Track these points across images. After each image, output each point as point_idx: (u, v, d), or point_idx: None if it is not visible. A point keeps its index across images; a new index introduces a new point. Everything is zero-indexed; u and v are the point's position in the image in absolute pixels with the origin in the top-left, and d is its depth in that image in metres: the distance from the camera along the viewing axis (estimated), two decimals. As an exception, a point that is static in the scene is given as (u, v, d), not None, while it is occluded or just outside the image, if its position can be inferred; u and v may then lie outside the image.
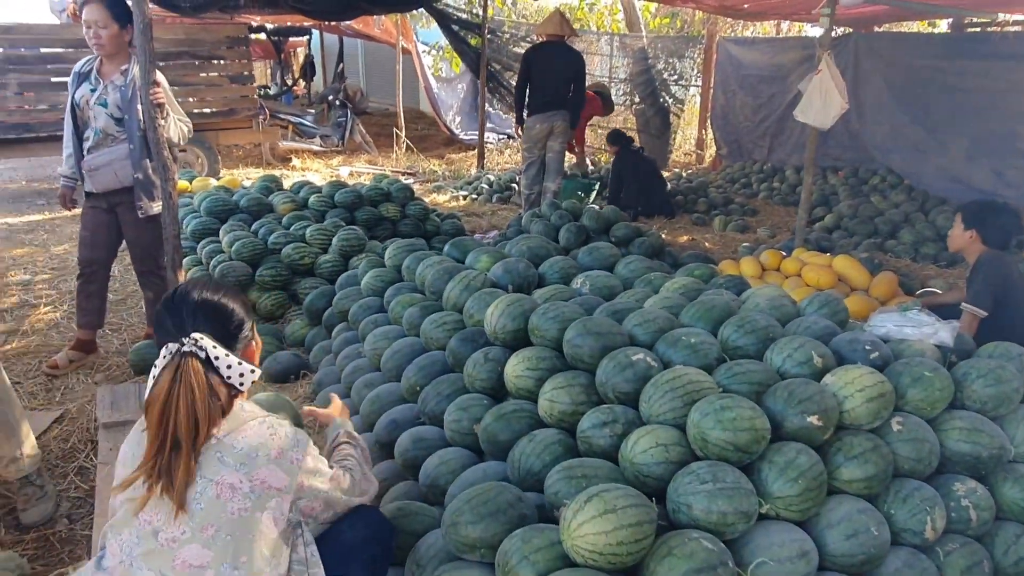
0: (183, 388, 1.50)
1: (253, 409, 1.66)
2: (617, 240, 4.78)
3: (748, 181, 9.13)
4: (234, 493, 1.52)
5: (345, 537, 1.79)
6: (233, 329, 1.66)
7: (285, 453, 1.59)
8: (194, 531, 1.50)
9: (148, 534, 1.51)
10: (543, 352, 2.48)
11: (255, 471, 1.54)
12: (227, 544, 1.51)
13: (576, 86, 6.58)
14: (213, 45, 8.51)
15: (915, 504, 2.02)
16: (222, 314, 1.65)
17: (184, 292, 1.66)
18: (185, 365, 1.53)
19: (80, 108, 3.59)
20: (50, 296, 4.86)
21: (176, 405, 1.50)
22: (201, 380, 1.53)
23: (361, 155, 11.22)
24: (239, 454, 1.55)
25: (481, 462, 2.35)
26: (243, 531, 1.52)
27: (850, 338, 2.46)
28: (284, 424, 1.65)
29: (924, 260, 5.94)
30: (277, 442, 1.59)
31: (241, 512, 1.52)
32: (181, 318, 1.60)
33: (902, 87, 7.60)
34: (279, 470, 1.57)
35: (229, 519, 1.51)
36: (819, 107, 4.68)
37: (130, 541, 1.53)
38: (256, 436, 1.58)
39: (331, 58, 16.10)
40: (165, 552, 1.50)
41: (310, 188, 5.55)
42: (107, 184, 3.65)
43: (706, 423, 1.95)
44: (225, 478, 1.52)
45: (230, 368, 1.58)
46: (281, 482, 1.58)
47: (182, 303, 1.63)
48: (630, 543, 1.67)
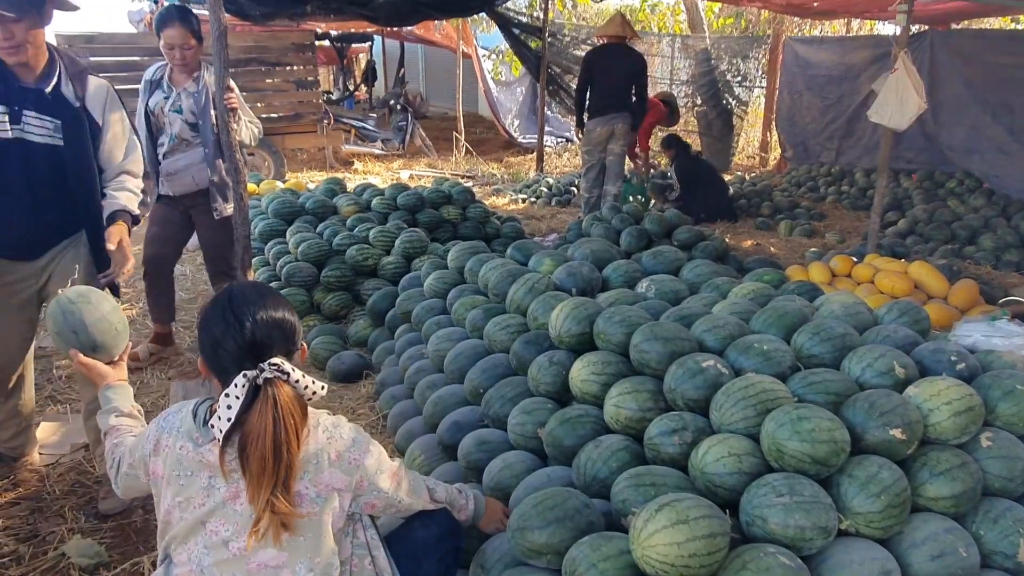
0: (286, 416, 1.45)
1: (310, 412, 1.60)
2: (679, 244, 4.69)
3: (815, 184, 8.87)
4: (302, 500, 1.53)
5: (417, 535, 1.81)
6: (294, 341, 1.61)
7: (343, 455, 1.59)
8: (268, 539, 1.50)
9: (218, 544, 1.52)
10: (609, 357, 2.45)
11: (318, 476, 1.55)
12: (300, 545, 1.53)
13: (638, 88, 6.51)
14: (280, 52, 8.74)
15: (1007, 525, 1.91)
16: (286, 330, 1.58)
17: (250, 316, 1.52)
18: (278, 393, 1.46)
19: (155, 115, 3.71)
20: (127, 294, 5.05)
21: (285, 434, 1.45)
22: (294, 403, 1.48)
23: (421, 158, 11.35)
24: (302, 463, 1.52)
25: (545, 467, 2.33)
26: (315, 532, 1.55)
27: (934, 348, 2.35)
28: (341, 424, 1.63)
29: (1006, 267, 5.65)
30: (335, 445, 1.58)
31: (311, 515, 1.54)
32: (256, 343, 1.51)
33: (983, 86, 7.26)
34: (339, 472, 1.58)
35: (300, 523, 1.52)
36: (895, 107, 4.51)
37: (199, 552, 1.53)
38: (315, 443, 1.56)
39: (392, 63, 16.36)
40: (239, 560, 1.52)
41: (373, 190, 5.62)
42: (185, 187, 3.78)
43: (782, 433, 1.89)
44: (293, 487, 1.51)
45: (306, 388, 1.52)
46: (342, 482, 1.58)
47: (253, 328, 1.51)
48: (703, 555, 1.62)
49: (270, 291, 1.65)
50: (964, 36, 7.77)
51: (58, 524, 2.64)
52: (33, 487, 2.85)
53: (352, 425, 1.67)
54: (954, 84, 7.52)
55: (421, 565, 1.77)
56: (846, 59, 8.92)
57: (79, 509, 2.74)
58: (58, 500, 2.79)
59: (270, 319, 1.54)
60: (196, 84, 3.69)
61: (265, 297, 1.59)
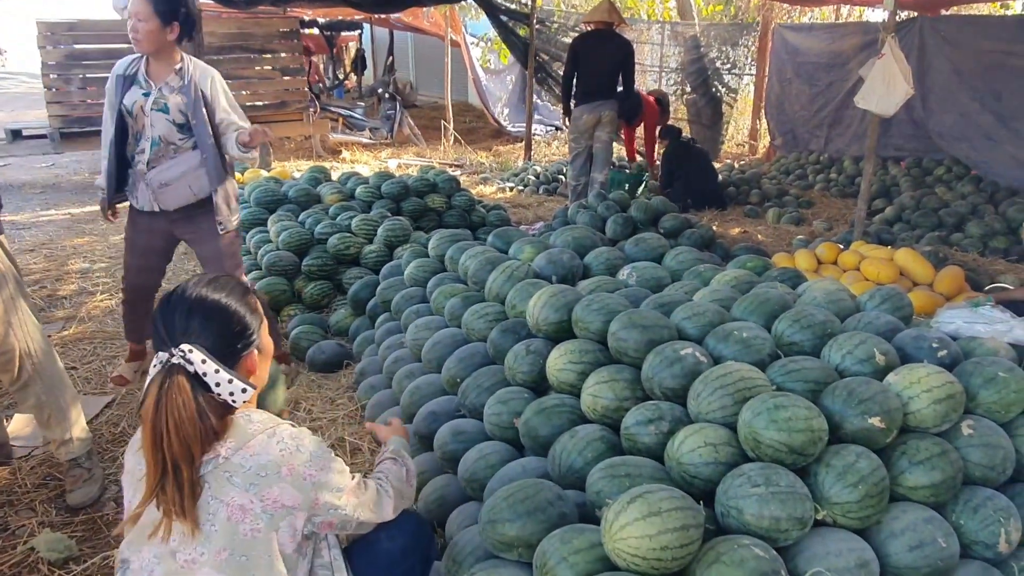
0: (169, 408, 1.37)
1: (262, 419, 1.52)
2: (666, 232, 4.65)
3: (803, 172, 8.84)
4: (245, 514, 1.42)
5: (382, 547, 1.71)
6: (233, 337, 1.50)
7: (297, 470, 1.46)
8: (210, 554, 1.41)
9: (166, 554, 1.43)
10: (587, 345, 2.40)
11: (266, 491, 1.43)
12: (241, 565, 1.42)
13: (625, 75, 6.45)
14: (265, 39, 8.63)
15: (987, 514, 1.88)
16: (221, 319, 1.48)
17: (181, 292, 1.49)
18: (171, 382, 1.38)
19: (133, 115, 3.12)
20: (107, 284, 4.98)
21: (166, 427, 1.37)
22: (188, 398, 1.38)
23: (410, 147, 11.26)
24: (248, 474, 1.43)
25: (521, 457, 2.29)
26: (258, 551, 1.43)
27: (915, 335, 2.31)
28: (302, 438, 1.52)
29: (993, 254, 5.63)
30: (288, 458, 1.46)
31: (254, 533, 1.42)
32: (174, 322, 1.44)
33: (972, 73, 7.22)
34: (291, 488, 1.45)
35: (242, 540, 1.42)
36: (882, 93, 4.46)
37: (150, 560, 1.44)
38: (265, 453, 1.45)
39: (381, 52, 16.24)
40: (184, 573, 1.42)
41: (357, 179, 5.56)
42: (180, 199, 3.20)
43: (758, 422, 1.85)
44: (235, 499, 1.42)
45: (219, 386, 1.43)
46: (294, 500, 1.46)
47: (176, 304, 1.46)
48: (675, 548, 1.58)
49: (232, 283, 1.56)
50: (953, 22, 7.73)
51: (28, 518, 2.60)
52: (3, 480, 2.80)
53: (315, 439, 1.56)
54: (943, 71, 7.49)
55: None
56: (835, 46, 8.87)
57: (50, 502, 2.69)
58: (29, 493, 2.74)
59: (203, 299, 1.47)
60: (181, 78, 3.12)
61: (218, 285, 1.52)
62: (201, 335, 1.45)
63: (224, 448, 1.44)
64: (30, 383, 2.57)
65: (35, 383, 2.57)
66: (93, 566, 2.36)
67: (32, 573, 2.32)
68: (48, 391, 2.60)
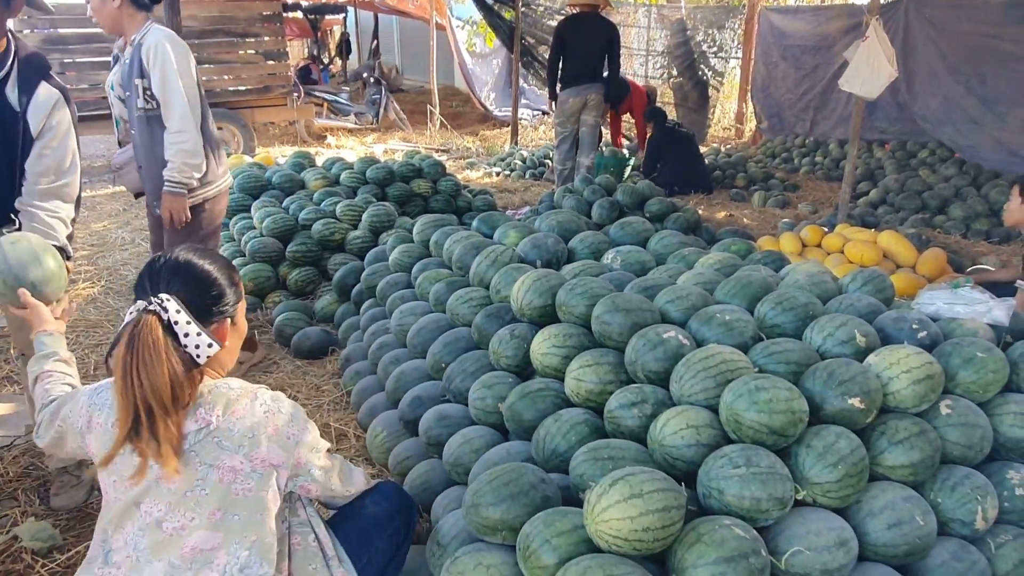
0: (139, 346, 1.42)
1: (241, 385, 1.59)
2: (652, 216, 4.64)
3: (789, 156, 8.86)
4: (236, 475, 1.49)
5: (368, 511, 1.78)
6: (210, 299, 1.56)
7: (280, 429, 1.54)
8: (201, 518, 1.48)
9: (151, 525, 1.48)
10: (570, 329, 2.41)
11: (254, 451, 1.51)
12: (236, 524, 1.49)
13: (611, 58, 6.42)
14: (247, 22, 8.51)
15: (965, 492, 1.90)
16: (201, 280, 1.55)
17: (171, 253, 1.58)
18: (143, 323, 1.44)
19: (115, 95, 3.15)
20: (89, 272, 4.94)
21: (135, 367, 1.41)
22: (158, 338, 1.43)
23: (396, 132, 11.18)
24: (237, 436, 1.50)
25: (506, 441, 2.30)
26: (251, 510, 1.51)
27: (896, 316, 2.33)
28: (280, 399, 1.59)
29: (975, 236, 5.68)
30: (272, 419, 1.54)
31: (246, 492, 1.50)
32: (157, 276, 1.53)
33: (956, 56, 7.25)
34: (276, 447, 1.53)
35: (235, 500, 1.49)
36: (866, 75, 4.47)
37: (134, 534, 1.49)
38: (251, 416, 1.52)
39: (366, 36, 16.08)
40: (173, 541, 1.47)
41: (342, 164, 5.52)
42: (133, 184, 3.23)
43: (740, 404, 1.86)
44: (226, 462, 1.49)
45: (187, 336, 1.48)
46: (279, 458, 1.54)
47: (163, 262, 1.56)
48: (656, 529, 1.59)
49: (219, 255, 1.66)
50: (938, 5, 7.73)
51: (11, 507, 2.58)
52: (-15, 470, 2.78)
53: (291, 402, 1.63)
54: (928, 54, 7.50)
55: (372, 542, 1.75)
56: (821, 29, 8.86)
57: (33, 491, 2.68)
58: (11, 483, 2.72)
59: (183, 263, 1.55)
60: (133, 51, 2.95)
61: (204, 253, 1.60)
62: (180, 289, 1.52)
63: (212, 416, 1.50)
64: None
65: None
66: (77, 555, 2.34)
67: (16, 563, 2.31)
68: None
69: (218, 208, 3.28)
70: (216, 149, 3.21)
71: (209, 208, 3.22)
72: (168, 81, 2.89)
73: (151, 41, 2.89)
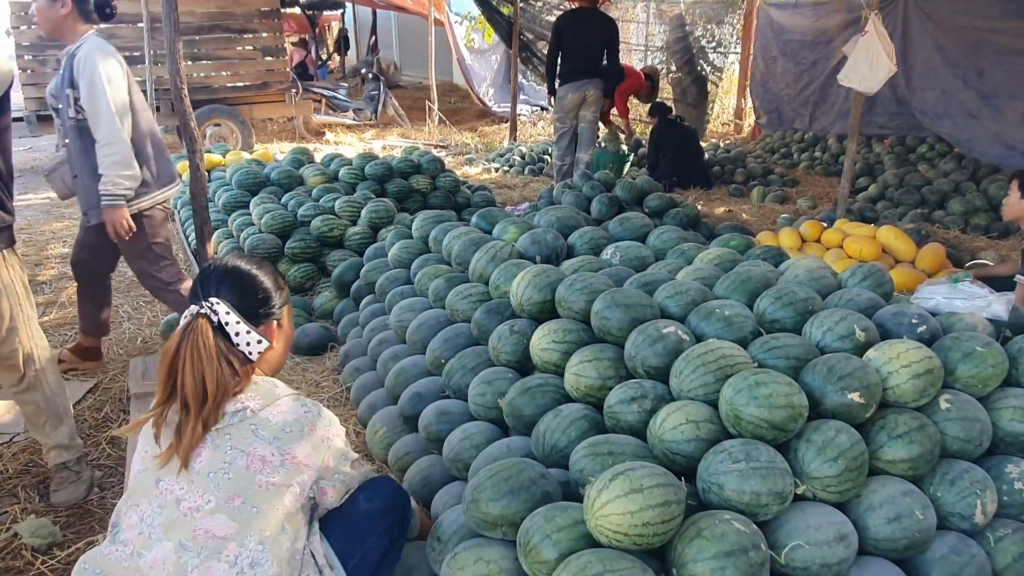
0: (190, 346, 1.52)
1: (287, 388, 1.67)
2: (651, 211, 4.65)
3: (788, 151, 8.85)
4: (264, 465, 1.53)
5: (361, 508, 1.78)
6: (257, 302, 1.66)
7: (317, 431, 1.61)
8: (219, 501, 1.49)
9: (171, 503, 1.50)
10: (570, 325, 2.40)
11: (288, 446, 1.56)
12: (253, 517, 1.50)
13: (610, 53, 6.41)
14: (245, 18, 8.49)
15: (964, 487, 1.91)
16: (248, 284, 1.65)
17: (219, 260, 1.69)
18: (195, 326, 1.55)
19: None
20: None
21: (183, 362, 1.52)
22: (209, 340, 1.53)
23: (394, 128, 11.17)
24: (274, 428, 1.56)
25: (506, 437, 2.30)
26: (269, 504, 1.52)
27: (895, 311, 2.33)
28: (319, 406, 1.68)
29: (974, 231, 5.68)
30: (312, 420, 1.61)
31: (269, 485, 1.53)
32: (208, 282, 1.63)
33: (954, 50, 7.23)
34: (310, 447, 1.59)
35: (256, 491, 1.51)
36: (865, 70, 4.46)
37: (151, 512, 1.51)
38: (291, 412, 1.60)
39: (364, 32, 16.06)
40: (187, 521, 1.48)
41: (340, 161, 5.51)
42: (63, 191, 3.19)
43: (739, 399, 1.86)
44: (257, 450, 1.53)
45: (238, 336, 1.59)
46: (310, 459, 1.59)
47: (214, 269, 1.66)
48: (657, 524, 1.59)
49: (263, 261, 1.76)
50: (937, -1, 7.73)
51: (11, 504, 2.58)
52: (-15, 467, 2.78)
53: (331, 413, 1.71)
54: (926, 48, 7.49)
55: (364, 540, 1.73)
56: (820, 24, 8.85)
57: (33, 488, 2.68)
58: (11, 480, 2.73)
59: (231, 269, 1.66)
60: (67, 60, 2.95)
61: (251, 259, 1.72)
62: (229, 293, 1.62)
63: (253, 403, 1.57)
64: (32, 389, 2.55)
65: (36, 390, 2.55)
66: (77, 551, 2.35)
67: (16, 559, 2.31)
68: (48, 399, 2.58)
69: (158, 220, 3.24)
70: (153, 160, 3.16)
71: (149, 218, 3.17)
72: (95, 92, 2.87)
73: (83, 52, 2.91)
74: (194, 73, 8.14)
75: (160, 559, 1.46)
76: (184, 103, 3.44)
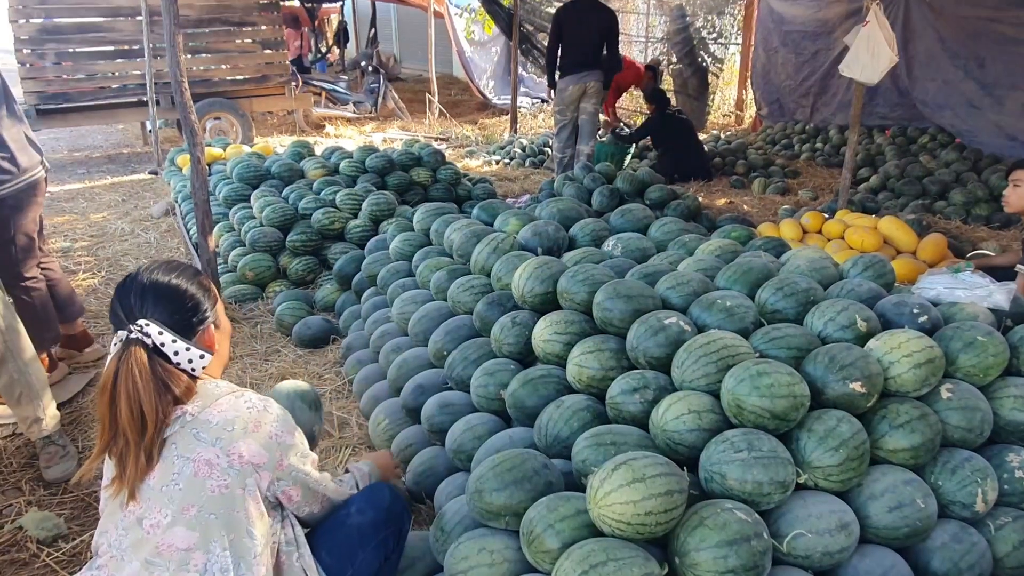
0: (125, 377, 1.43)
1: (228, 385, 1.59)
2: (652, 203, 4.64)
3: (789, 142, 8.84)
4: (212, 469, 1.45)
5: (352, 522, 1.71)
6: (187, 313, 1.56)
7: (263, 428, 1.52)
8: (175, 514, 1.44)
9: (133, 524, 1.46)
10: (572, 316, 2.41)
11: (231, 445, 1.47)
12: (211, 524, 1.44)
13: (610, 45, 6.38)
14: (244, 11, 8.45)
15: (965, 475, 1.92)
16: (174, 297, 1.55)
17: (134, 276, 1.57)
18: (128, 354, 1.45)
19: None
20: (89, 263, 4.94)
21: (118, 396, 1.43)
22: (144, 368, 1.44)
23: (394, 121, 11.14)
24: (215, 428, 1.48)
25: (508, 428, 2.31)
26: (226, 509, 1.46)
27: (896, 301, 2.33)
28: (271, 403, 1.58)
29: (976, 221, 5.68)
30: (256, 416, 1.52)
31: (221, 489, 1.46)
32: (130, 303, 1.52)
33: (955, 40, 7.21)
34: (256, 444, 1.50)
35: (210, 497, 1.45)
36: (866, 61, 4.44)
37: (117, 536, 1.48)
38: (232, 409, 1.51)
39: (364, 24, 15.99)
40: (150, 539, 1.44)
41: (341, 154, 5.50)
42: None
43: (741, 389, 1.87)
44: (201, 454, 1.46)
45: (177, 355, 1.50)
46: (259, 457, 1.50)
47: (131, 287, 1.54)
48: (659, 513, 1.60)
49: (182, 266, 1.64)
50: (938, -11, 7.70)
51: (15, 497, 2.59)
52: (-11, 460, 2.79)
53: (280, 407, 1.61)
54: (927, 38, 7.47)
55: (356, 556, 1.67)
56: (821, 14, 8.81)
57: (36, 481, 2.69)
58: (15, 473, 2.73)
59: (155, 282, 1.54)
60: None
61: (169, 268, 1.59)
62: (155, 311, 1.52)
63: (191, 407, 1.50)
64: (3, 360, 2.55)
65: (8, 361, 2.55)
66: (82, 543, 2.36)
67: (21, 552, 2.33)
68: (20, 370, 2.58)
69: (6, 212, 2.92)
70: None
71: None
72: None
73: None
74: (193, 66, 8.12)
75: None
76: (184, 96, 3.44)
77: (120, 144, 9.61)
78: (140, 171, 7.87)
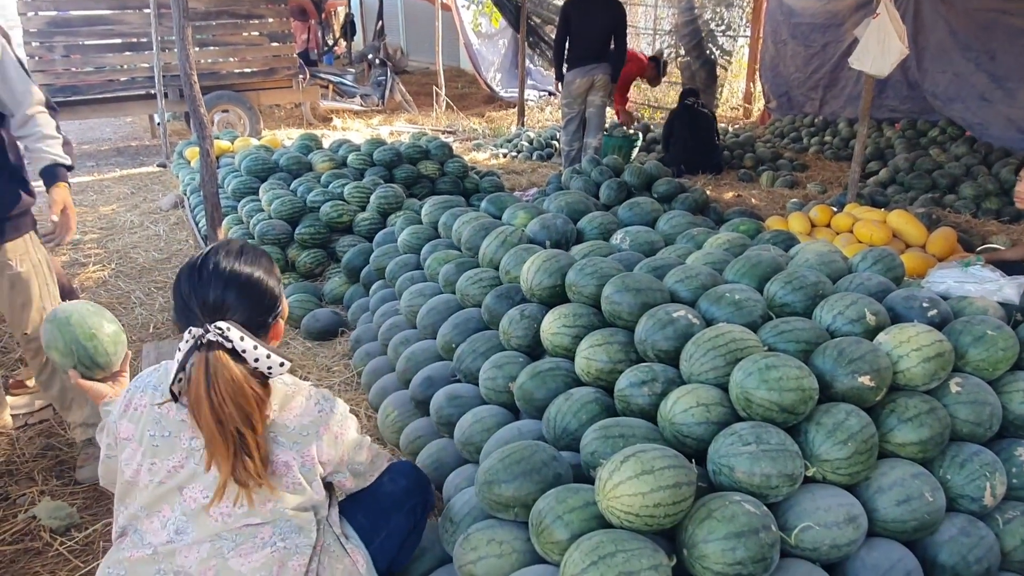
0: (221, 383, 1.38)
1: (292, 381, 1.60)
2: (660, 196, 4.64)
3: (798, 135, 8.79)
4: (288, 470, 1.53)
5: (385, 489, 1.82)
6: (265, 311, 1.52)
7: (331, 429, 1.60)
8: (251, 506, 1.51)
9: (197, 511, 1.49)
10: (580, 309, 2.42)
11: (306, 448, 1.55)
12: (283, 511, 1.54)
13: (617, 38, 6.36)
14: (252, 4, 8.46)
15: (973, 469, 1.92)
16: (254, 293, 1.48)
17: (209, 265, 1.46)
18: (214, 361, 1.38)
19: None
20: (99, 255, 4.97)
21: (224, 402, 1.38)
22: (236, 374, 1.39)
23: (401, 114, 11.14)
24: (292, 433, 1.54)
25: (516, 421, 2.32)
26: (297, 497, 1.56)
27: (906, 295, 2.33)
28: (331, 398, 1.64)
29: (986, 215, 5.64)
30: (325, 419, 1.59)
31: (295, 485, 1.55)
32: (208, 298, 1.43)
33: (966, 32, 7.15)
34: (326, 445, 1.59)
35: (284, 493, 1.54)
36: (876, 53, 4.42)
37: (176, 518, 1.49)
38: (306, 414, 1.57)
39: (371, 17, 15.96)
40: (220, 524, 1.50)
41: (349, 146, 5.51)
42: None
43: (750, 382, 1.87)
44: (280, 457, 1.52)
45: (257, 361, 1.44)
46: (328, 456, 1.60)
47: (209, 280, 1.44)
48: (668, 505, 1.61)
49: (257, 252, 1.55)
50: (949, -20, 7.64)
51: (29, 487, 2.62)
52: (3, 450, 2.82)
53: (339, 400, 1.68)
54: (938, 30, 7.41)
55: (390, 519, 1.78)
56: (830, 6, 8.75)
57: (49, 471, 2.72)
58: (28, 463, 2.76)
59: (232, 276, 1.46)
60: None
61: (249, 257, 1.51)
62: (237, 310, 1.46)
63: (269, 410, 1.51)
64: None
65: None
66: (95, 533, 2.39)
67: (34, 541, 2.35)
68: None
69: None
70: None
71: None
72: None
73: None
74: (201, 59, 8.14)
75: (195, 550, 1.48)
76: (194, 89, 3.45)
77: (129, 137, 9.64)
78: (148, 164, 7.90)
